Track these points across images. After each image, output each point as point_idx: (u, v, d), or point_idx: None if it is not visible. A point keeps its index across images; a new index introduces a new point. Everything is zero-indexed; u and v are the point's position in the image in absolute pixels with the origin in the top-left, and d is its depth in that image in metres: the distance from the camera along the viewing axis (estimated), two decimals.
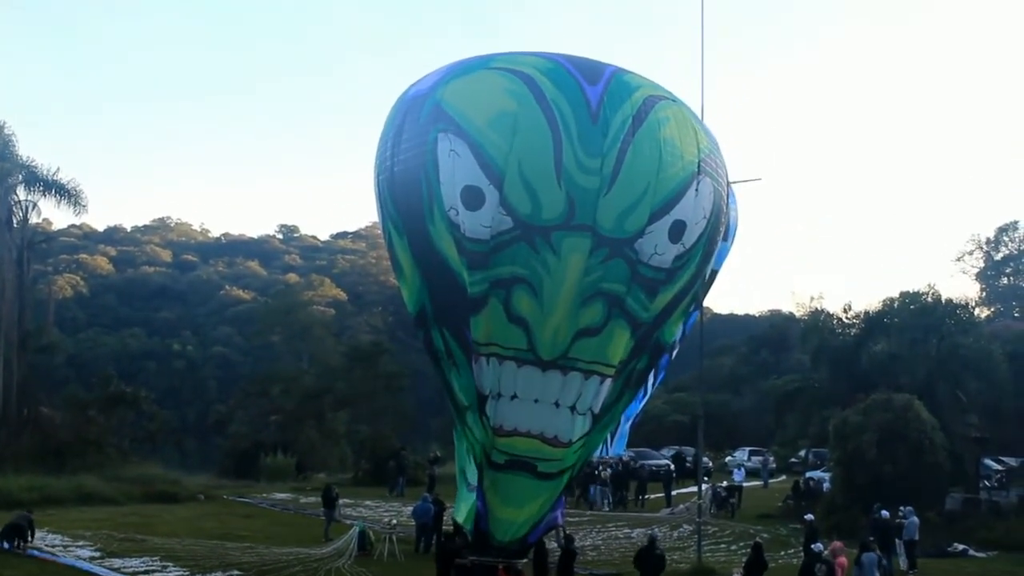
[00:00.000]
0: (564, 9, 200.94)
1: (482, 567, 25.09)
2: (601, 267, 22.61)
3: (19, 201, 62.18)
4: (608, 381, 23.88)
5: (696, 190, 23.11)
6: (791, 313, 64.69)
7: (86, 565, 30.77)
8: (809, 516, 35.16)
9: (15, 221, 62.45)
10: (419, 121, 23.33)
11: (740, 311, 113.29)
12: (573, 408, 23.70)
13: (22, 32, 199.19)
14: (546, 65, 23.06)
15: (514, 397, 23.86)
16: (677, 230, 22.91)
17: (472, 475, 25.29)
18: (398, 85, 24.69)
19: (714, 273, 31.38)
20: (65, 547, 33.25)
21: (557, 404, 23.56)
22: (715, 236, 24.76)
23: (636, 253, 22.60)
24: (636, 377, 26.36)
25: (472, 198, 22.40)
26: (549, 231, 22.30)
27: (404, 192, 23.75)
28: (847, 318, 54.23)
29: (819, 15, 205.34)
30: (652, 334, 24.77)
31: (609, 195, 22.21)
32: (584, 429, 24.05)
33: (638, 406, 49.38)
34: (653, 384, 47.76)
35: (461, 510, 26.01)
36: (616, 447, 50.60)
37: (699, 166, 23.26)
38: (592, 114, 22.48)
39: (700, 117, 26.46)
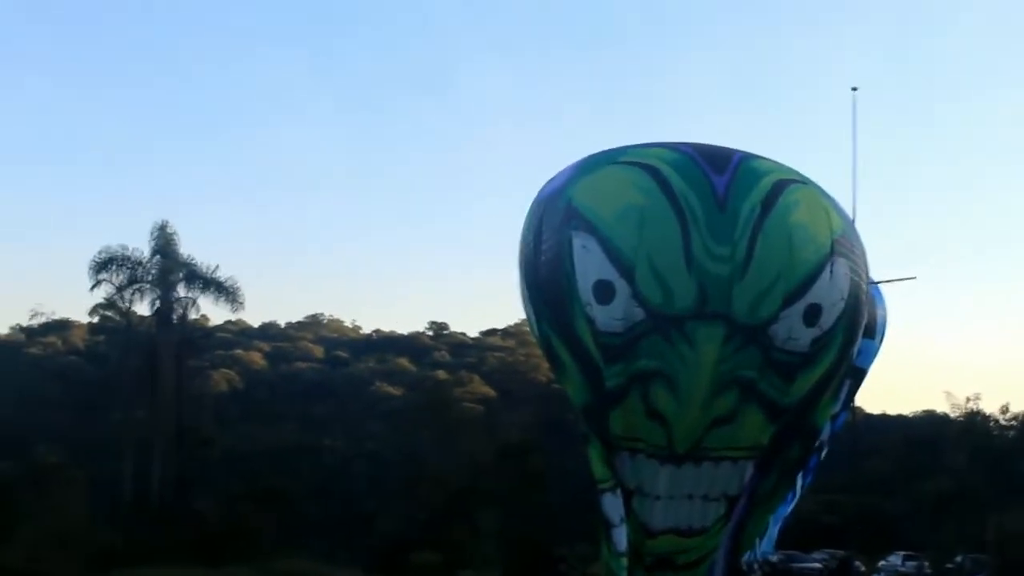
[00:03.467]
0: (712, 101, 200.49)
1: None
2: (735, 355, 22.61)
3: (179, 298, 63.88)
4: (745, 464, 23.80)
5: (831, 272, 23.09)
6: (946, 414, 63.17)
7: None
8: None
9: (175, 317, 64.08)
10: (555, 221, 23.80)
11: (893, 411, 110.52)
12: (706, 496, 23.73)
13: (187, 134, 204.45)
14: (672, 156, 23.36)
15: (657, 497, 23.85)
16: (812, 313, 22.85)
17: (622, 571, 25.00)
18: (539, 181, 25.00)
19: (862, 372, 30.85)
20: None
21: (690, 496, 23.63)
22: (856, 317, 24.47)
23: (770, 339, 22.55)
24: (792, 466, 26.49)
25: (603, 292, 22.66)
26: (683, 321, 22.39)
27: (550, 291, 24.09)
28: (1005, 420, 53.07)
29: (971, 107, 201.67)
30: (800, 421, 24.69)
31: (742, 283, 22.26)
32: (719, 513, 23.94)
33: (787, 508, 49.06)
34: (802, 486, 47.37)
35: None
36: (764, 546, 50.15)
37: (832, 247, 23.21)
38: (720, 203, 22.64)
39: (853, 217, 26.33)
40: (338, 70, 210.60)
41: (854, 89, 35.61)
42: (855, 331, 24.97)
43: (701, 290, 22.38)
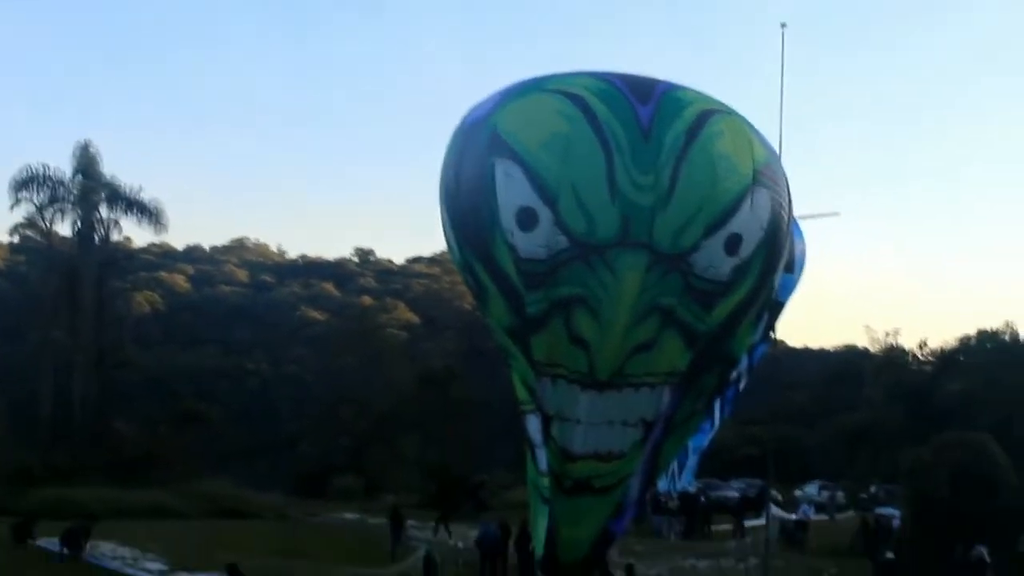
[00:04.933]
0: (645, 31, 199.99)
1: None
2: (657, 283, 22.72)
3: (101, 219, 63.24)
4: (662, 390, 23.99)
5: (751, 202, 23.18)
6: (866, 349, 64.02)
7: None
8: (890, 555, 34.68)
9: (96, 238, 63.41)
10: (478, 148, 23.64)
11: (814, 345, 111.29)
12: (624, 422, 23.96)
13: (111, 56, 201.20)
14: (598, 85, 23.31)
15: (578, 422, 24.06)
16: (733, 243, 22.95)
17: (545, 490, 25.31)
18: (467, 107, 24.80)
19: (780, 305, 31.07)
20: (134, 559, 33.51)
21: (610, 422, 23.81)
22: (776, 248, 24.61)
23: (690, 267, 22.67)
24: (709, 393, 26.55)
25: (527, 219, 22.66)
26: (604, 249, 22.43)
27: (472, 218, 24.00)
28: (922, 355, 53.88)
29: (901, 45, 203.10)
30: (717, 347, 24.86)
31: (665, 212, 22.37)
32: (636, 437, 24.24)
33: (705, 439, 49.65)
34: (720, 417, 47.95)
35: (538, 534, 26.09)
36: (684, 479, 50.67)
37: (755, 177, 23.30)
38: (644, 132, 22.57)
39: (778, 150, 26.58)
40: None
41: (783, 25, 35.50)
42: (775, 261, 25.10)
43: (624, 219, 22.47)
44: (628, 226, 22.55)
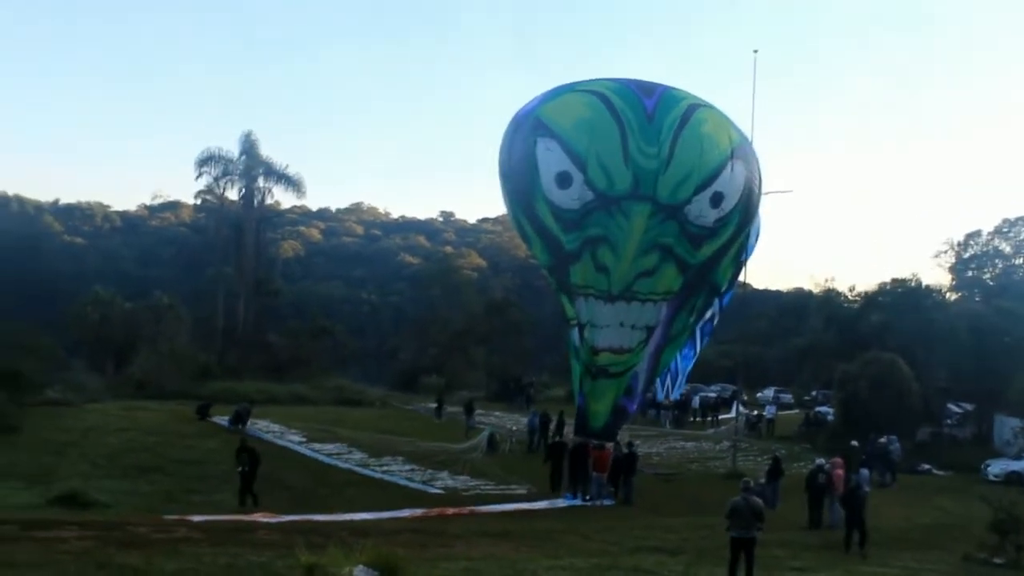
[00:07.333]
0: (645, 50, 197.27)
1: (581, 445, 26.55)
2: (658, 226, 23.82)
3: (259, 188, 63.56)
4: (661, 305, 25.27)
5: (731, 170, 24.20)
6: (810, 291, 63.46)
7: (296, 447, 31.30)
8: (854, 443, 34.26)
9: (255, 202, 63.81)
10: (524, 132, 24.82)
11: (772, 287, 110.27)
12: (633, 326, 25.26)
13: (269, 61, 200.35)
14: (614, 85, 24.46)
15: (601, 327, 25.41)
16: (717, 199, 24.03)
17: (586, 386, 26.88)
18: (519, 103, 26.14)
19: (743, 263, 31.07)
20: (281, 433, 33.74)
21: (622, 325, 25.22)
22: (749, 206, 25.38)
23: (685, 215, 23.82)
24: (698, 312, 27.95)
25: (563, 180, 23.80)
26: (620, 200, 23.55)
27: (519, 182, 25.15)
28: (851, 295, 53.17)
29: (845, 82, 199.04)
30: (705, 275, 25.93)
31: (665, 174, 23.31)
32: (641, 338, 25.57)
33: (690, 363, 49.17)
34: (701, 345, 47.73)
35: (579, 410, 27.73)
36: (676, 393, 50.28)
37: (732, 153, 24.26)
38: (649, 117, 23.60)
39: (751, 138, 26.91)
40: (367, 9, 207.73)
41: (755, 51, 35.17)
42: (749, 215, 26.00)
43: (635, 178, 23.42)
44: (638, 183, 23.50)
